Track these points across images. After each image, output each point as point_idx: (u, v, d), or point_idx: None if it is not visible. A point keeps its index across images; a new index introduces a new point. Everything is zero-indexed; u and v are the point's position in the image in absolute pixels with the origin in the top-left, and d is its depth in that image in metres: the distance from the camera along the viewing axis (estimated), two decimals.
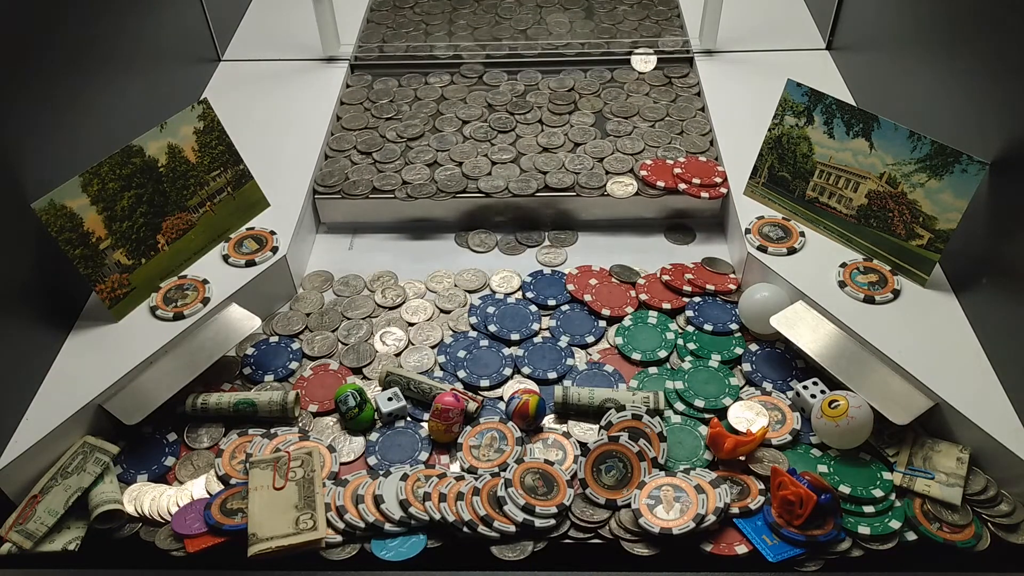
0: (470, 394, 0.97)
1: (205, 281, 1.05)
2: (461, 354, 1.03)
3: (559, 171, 1.23)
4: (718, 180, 1.19)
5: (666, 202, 1.21)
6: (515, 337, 1.05)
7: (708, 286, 1.09)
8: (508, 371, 1.01)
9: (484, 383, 1.00)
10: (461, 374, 1.00)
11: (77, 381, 0.93)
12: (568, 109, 1.36)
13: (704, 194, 1.17)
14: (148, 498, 0.88)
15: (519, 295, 1.12)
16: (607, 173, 1.22)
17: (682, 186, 1.19)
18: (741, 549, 0.82)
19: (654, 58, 1.17)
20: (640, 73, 1.16)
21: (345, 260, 1.19)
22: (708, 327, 1.05)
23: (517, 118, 1.34)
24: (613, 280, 1.12)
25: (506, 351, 1.04)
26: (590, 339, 1.05)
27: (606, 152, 1.26)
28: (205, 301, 1.02)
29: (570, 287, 1.11)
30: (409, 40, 1.54)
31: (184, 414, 0.96)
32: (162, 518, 0.86)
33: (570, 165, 1.24)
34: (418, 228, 1.24)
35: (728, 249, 1.18)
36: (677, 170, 1.21)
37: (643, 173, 1.21)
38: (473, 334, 1.06)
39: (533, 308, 1.09)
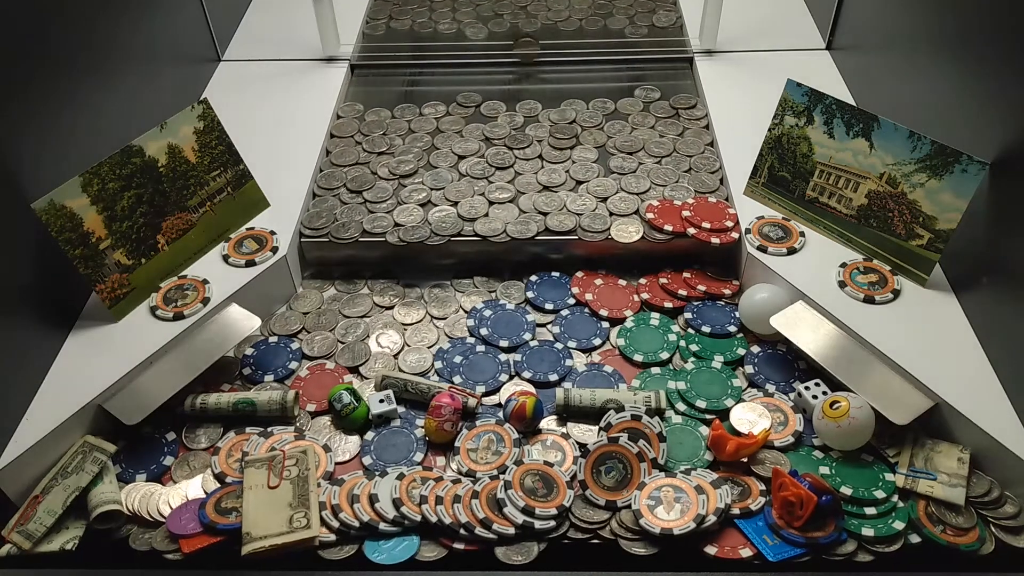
0: (468, 391, 0.97)
1: (205, 281, 1.05)
2: (457, 359, 1.03)
3: (560, 212, 1.15)
4: (729, 224, 1.11)
5: (674, 246, 1.13)
6: (504, 344, 1.04)
7: (700, 287, 1.09)
8: (504, 377, 1.01)
9: (480, 389, 0.99)
10: (457, 380, 1.00)
11: (77, 381, 0.93)
12: (570, 143, 1.29)
13: (715, 239, 1.10)
14: (138, 495, 0.88)
15: (520, 296, 1.12)
16: (611, 215, 1.15)
17: (691, 230, 1.11)
18: (745, 552, 0.82)
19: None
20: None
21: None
22: (706, 329, 1.05)
23: (516, 153, 1.27)
24: (619, 283, 1.12)
25: (503, 356, 1.03)
26: (597, 341, 1.05)
27: (610, 191, 1.19)
28: (205, 301, 1.02)
29: (574, 290, 1.11)
30: (414, 16, 1.59)
31: (183, 414, 0.96)
32: (152, 517, 0.86)
33: (572, 206, 1.16)
34: (410, 271, 1.16)
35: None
36: (686, 212, 1.13)
37: (649, 216, 1.13)
38: (471, 340, 1.06)
39: (530, 317, 1.08)
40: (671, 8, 1.60)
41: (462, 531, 0.83)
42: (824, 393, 0.94)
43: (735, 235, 1.11)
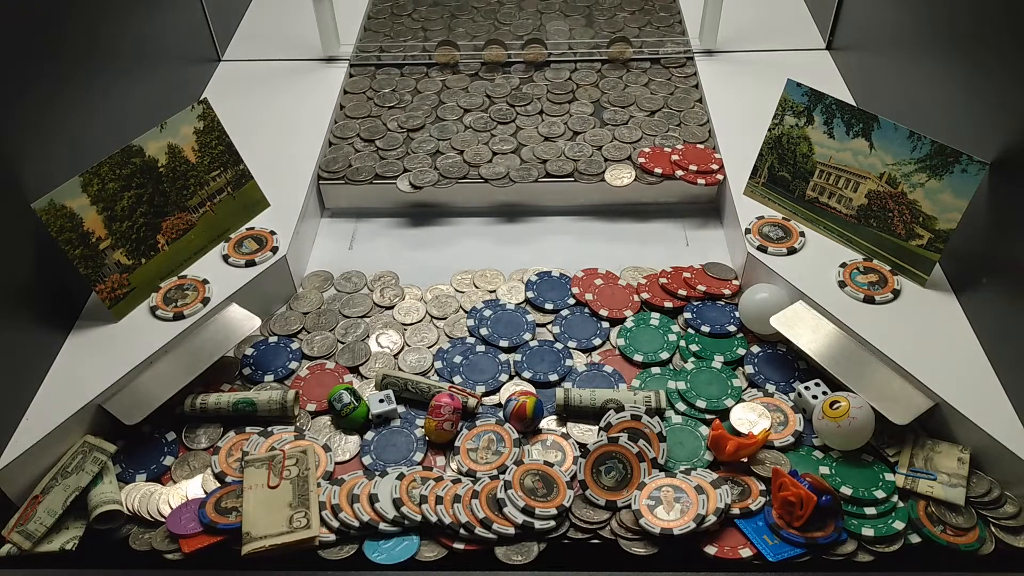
0: (468, 391, 0.97)
1: (205, 281, 1.05)
2: (457, 359, 1.03)
3: (559, 159, 1.25)
4: (715, 167, 1.21)
5: (664, 189, 1.23)
6: (504, 344, 1.04)
7: (700, 286, 1.09)
8: (504, 377, 1.01)
9: (480, 389, 0.99)
10: (457, 380, 1.00)
11: (77, 381, 0.93)
12: (567, 99, 1.38)
13: (701, 180, 1.19)
14: (138, 495, 0.88)
15: (521, 296, 1.11)
16: (606, 160, 1.25)
17: (679, 173, 1.21)
18: (745, 552, 0.82)
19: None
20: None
21: (346, 259, 1.19)
22: (705, 328, 1.05)
23: (517, 110, 1.36)
24: (619, 283, 1.12)
25: (503, 356, 1.03)
26: (597, 341, 1.05)
27: (605, 141, 1.29)
28: (205, 301, 1.02)
29: (575, 290, 1.11)
30: (407, 50, 1.52)
31: (183, 414, 0.96)
32: (152, 517, 0.86)
33: (569, 153, 1.26)
34: (421, 214, 1.26)
35: (728, 249, 1.18)
36: (675, 157, 1.23)
37: (641, 160, 1.23)
38: (471, 339, 1.06)
39: (530, 317, 1.08)
40: (679, 39, 1.51)
41: (462, 531, 0.83)
42: (824, 393, 0.94)
43: (720, 177, 1.20)
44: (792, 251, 1.07)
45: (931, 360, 0.92)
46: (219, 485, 0.89)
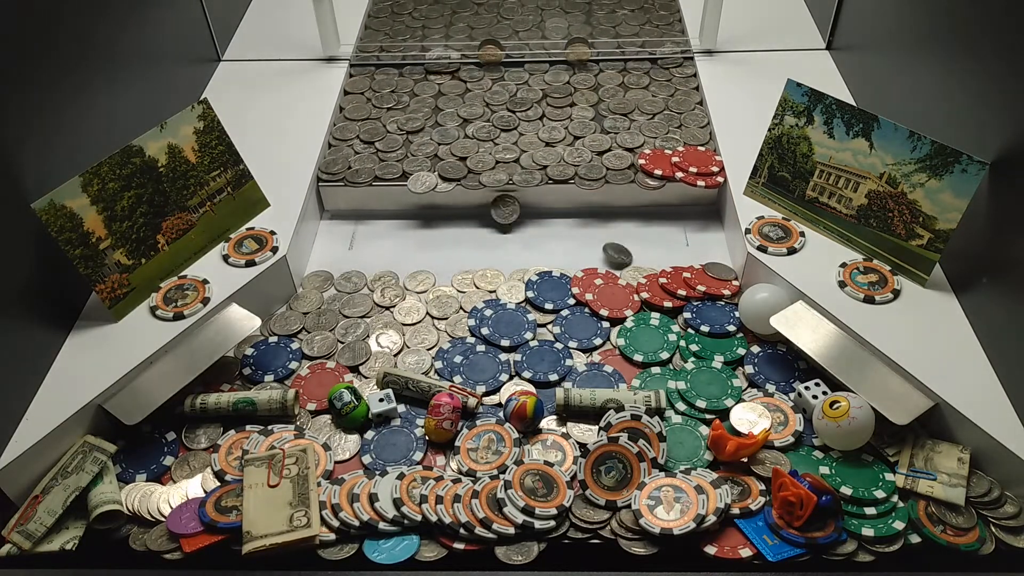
0: (468, 390, 0.97)
1: (205, 281, 1.05)
2: (458, 359, 1.03)
3: (559, 164, 1.25)
4: (715, 169, 1.21)
5: (663, 191, 1.22)
6: (505, 343, 1.04)
7: (699, 286, 1.09)
8: (504, 377, 1.01)
9: (481, 389, 0.99)
10: (457, 379, 1.00)
11: (77, 381, 0.93)
12: (567, 102, 1.38)
13: (701, 183, 1.19)
14: (138, 495, 0.88)
15: (521, 296, 1.11)
16: (608, 170, 1.24)
17: (679, 175, 1.20)
18: (745, 552, 0.82)
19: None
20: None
21: (346, 258, 1.19)
22: (705, 328, 1.05)
23: (519, 115, 1.36)
24: (619, 282, 1.12)
25: (503, 356, 1.03)
26: (598, 341, 1.05)
27: (605, 147, 1.28)
28: (205, 301, 1.02)
29: (575, 290, 1.11)
30: (406, 50, 1.51)
31: (183, 414, 0.96)
32: (152, 516, 0.86)
33: (569, 158, 1.26)
34: (422, 216, 1.26)
35: (728, 249, 1.18)
36: (675, 159, 1.23)
37: (641, 162, 1.23)
38: (471, 339, 1.06)
39: (531, 316, 1.08)
40: (678, 36, 1.51)
41: (462, 531, 0.84)
42: (824, 393, 0.94)
43: (720, 179, 1.20)
44: (792, 251, 1.07)
45: (931, 360, 0.92)
46: (219, 484, 0.89)
